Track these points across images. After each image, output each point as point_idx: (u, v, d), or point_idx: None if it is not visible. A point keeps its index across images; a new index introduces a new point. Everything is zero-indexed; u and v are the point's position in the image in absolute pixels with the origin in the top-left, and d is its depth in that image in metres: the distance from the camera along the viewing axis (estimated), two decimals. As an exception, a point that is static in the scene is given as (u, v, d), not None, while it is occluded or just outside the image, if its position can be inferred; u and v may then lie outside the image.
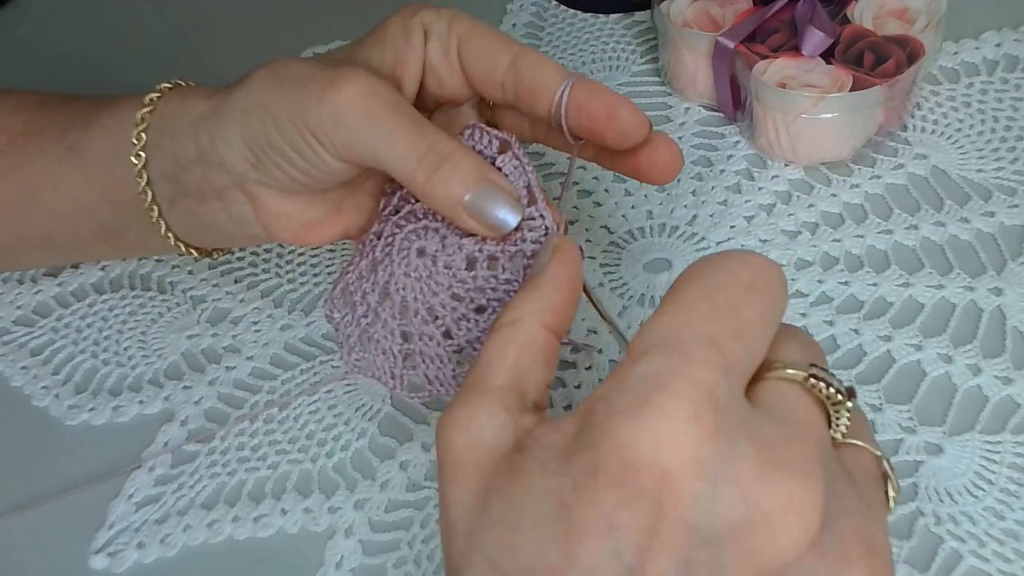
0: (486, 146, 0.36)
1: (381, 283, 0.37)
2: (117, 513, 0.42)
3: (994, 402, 0.41)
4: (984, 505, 0.38)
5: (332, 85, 0.34)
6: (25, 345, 0.49)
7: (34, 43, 0.69)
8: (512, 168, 0.35)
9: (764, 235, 0.49)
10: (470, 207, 0.34)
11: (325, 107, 0.34)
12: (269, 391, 0.45)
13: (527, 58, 0.37)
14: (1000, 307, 0.44)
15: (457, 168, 0.34)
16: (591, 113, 0.37)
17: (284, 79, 0.36)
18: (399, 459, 0.42)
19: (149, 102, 0.40)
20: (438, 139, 0.34)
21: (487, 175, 0.34)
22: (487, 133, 0.36)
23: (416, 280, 0.36)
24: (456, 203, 0.34)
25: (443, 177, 0.34)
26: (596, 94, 0.37)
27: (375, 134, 0.34)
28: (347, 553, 0.39)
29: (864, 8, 0.52)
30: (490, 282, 0.35)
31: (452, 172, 0.34)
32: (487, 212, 0.34)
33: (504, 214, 0.34)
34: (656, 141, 0.38)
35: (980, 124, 0.52)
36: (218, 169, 0.38)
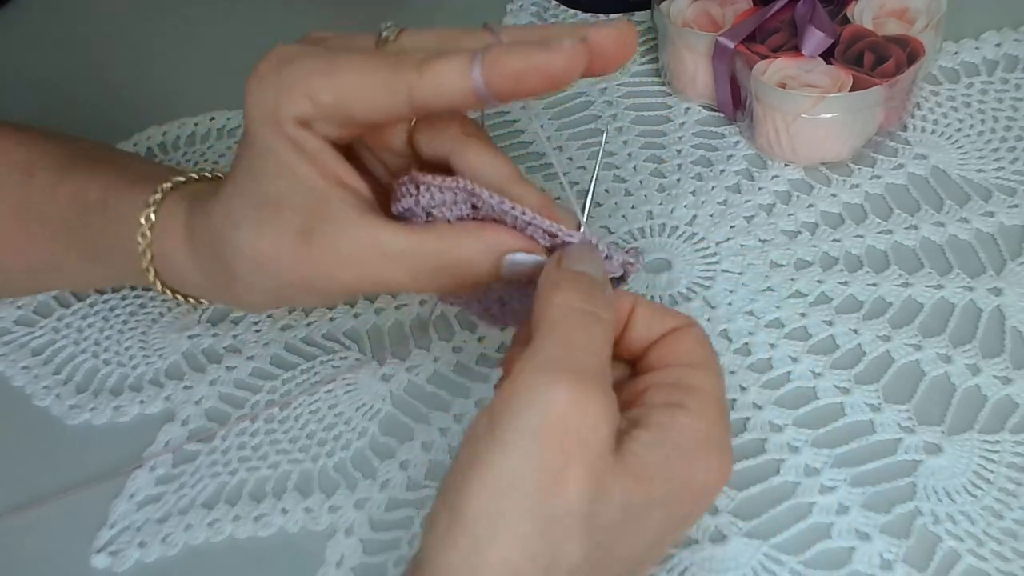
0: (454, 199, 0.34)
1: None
2: (119, 512, 0.42)
3: (993, 402, 0.41)
4: (982, 504, 0.38)
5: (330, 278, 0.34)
6: (26, 345, 0.49)
7: (34, 43, 0.69)
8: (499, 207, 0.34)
9: (764, 235, 0.49)
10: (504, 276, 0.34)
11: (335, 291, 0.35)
12: (270, 391, 0.45)
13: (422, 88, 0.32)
14: (999, 307, 0.44)
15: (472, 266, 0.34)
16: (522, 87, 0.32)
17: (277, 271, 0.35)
18: (399, 458, 0.42)
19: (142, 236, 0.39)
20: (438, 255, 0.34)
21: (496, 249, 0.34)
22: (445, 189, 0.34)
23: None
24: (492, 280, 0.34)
25: (465, 279, 0.34)
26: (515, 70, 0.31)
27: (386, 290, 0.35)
28: (347, 552, 0.39)
29: (864, 8, 0.52)
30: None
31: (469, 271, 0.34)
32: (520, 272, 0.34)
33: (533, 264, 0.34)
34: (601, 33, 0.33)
35: (980, 124, 0.52)
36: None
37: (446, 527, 0.29)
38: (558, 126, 0.56)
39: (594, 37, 0.32)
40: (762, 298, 0.46)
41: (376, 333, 0.47)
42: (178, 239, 0.38)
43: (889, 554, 0.37)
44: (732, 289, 0.46)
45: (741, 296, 0.46)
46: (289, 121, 0.33)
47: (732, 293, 0.46)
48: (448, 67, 0.32)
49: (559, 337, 0.30)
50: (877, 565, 0.36)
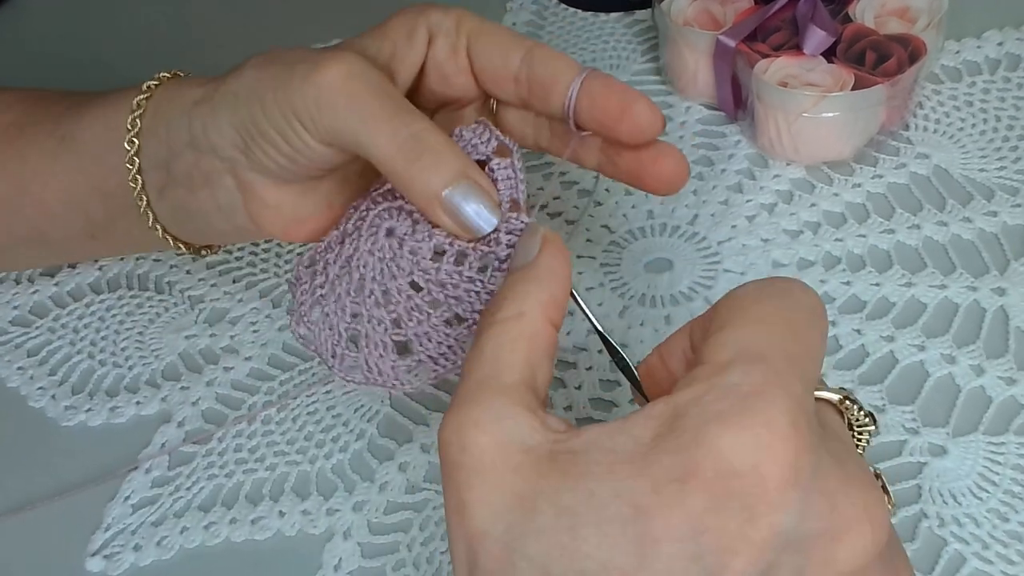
0: (484, 143, 0.35)
1: (344, 256, 0.35)
2: (113, 515, 0.41)
3: (998, 403, 0.40)
4: (988, 507, 0.37)
5: (317, 66, 0.34)
6: (22, 345, 0.49)
7: (34, 43, 0.68)
8: (505, 175, 0.34)
9: (766, 234, 0.48)
10: (446, 203, 0.33)
11: (309, 87, 0.34)
12: (267, 392, 0.45)
13: (541, 52, 0.36)
14: (1003, 307, 0.44)
15: (438, 160, 0.33)
16: (604, 106, 0.36)
17: (275, 62, 0.36)
18: (398, 461, 0.42)
19: (146, 89, 0.40)
20: (422, 127, 0.33)
21: (469, 172, 0.33)
22: (490, 131, 0.35)
23: (379, 260, 0.34)
24: (433, 197, 0.33)
25: (423, 167, 0.33)
26: (610, 87, 0.36)
27: (357, 116, 0.33)
28: (345, 555, 0.39)
29: (866, 7, 0.52)
30: (453, 277, 0.33)
31: (433, 164, 0.33)
32: (463, 212, 0.33)
33: (480, 217, 0.33)
34: (663, 149, 0.37)
35: (982, 123, 0.52)
36: (209, 155, 0.37)
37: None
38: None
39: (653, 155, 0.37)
40: (764, 298, 0.45)
41: (374, 334, 0.47)
42: (196, 81, 0.40)
43: (893, 557, 0.36)
44: (734, 289, 0.46)
45: (743, 296, 0.46)
46: (429, 18, 0.37)
47: (734, 293, 0.46)
48: (564, 59, 0.36)
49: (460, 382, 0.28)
50: (881, 568, 0.36)
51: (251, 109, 0.35)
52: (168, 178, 0.39)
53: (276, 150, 0.36)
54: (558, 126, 0.38)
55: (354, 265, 0.34)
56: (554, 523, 0.25)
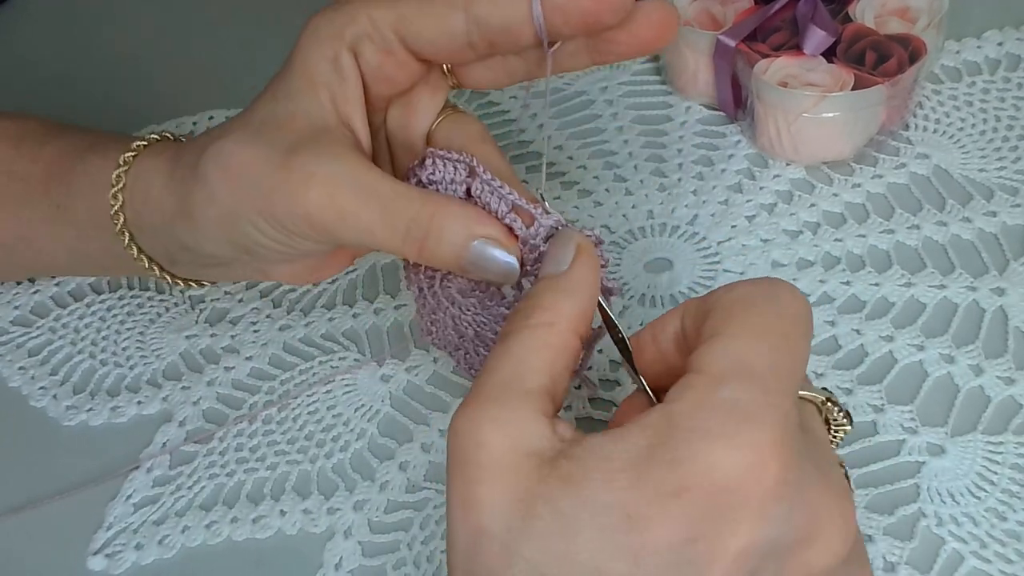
0: (453, 176, 0.35)
1: (451, 324, 0.38)
2: (115, 514, 0.41)
3: (996, 402, 0.40)
4: (986, 506, 0.37)
5: (297, 195, 0.33)
6: (23, 345, 0.49)
7: (33, 43, 0.68)
8: (489, 194, 0.34)
9: (765, 235, 0.48)
10: (469, 267, 0.34)
11: (299, 216, 0.34)
12: (268, 391, 0.45)
13: (481, 4, 0.33)
14: (1002, 307, 0.44)
15: (442, 237, 0.33)
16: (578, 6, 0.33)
17: (245, 185, 0.35)
18: (398, 460, 0.42)
19: (116, 180, 0.39)
20: (415, 210, 0.33)
21: (474, 231, 0.33)
22: (448, 162, 0.35)
23: (475, 315, 0.37)
24: (455, 267, 0.34)
25: (432, 250, 0.34)
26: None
27: (351, 230, 0.34)
28: (346, 554, 0.39)
29: (866, 7, 0.52)
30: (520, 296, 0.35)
31: (439, 244, 0.33)
32: (486, 268, 0.34)
33: (502, 264, 0.34)
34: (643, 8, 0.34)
35: (982, 123, 0.52)
36: (210, 257, 0.38)
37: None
38: (558, 125, 0.56)
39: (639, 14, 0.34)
40: (764, 298, 0.46)
41: (375, 333, 0.47)
42: (159, 168, 0.38)
43: (893, 556, 0.36)
44: (733, 289, 0.46)
45: (742, 296, 0.46)
46: (344, 38, 0.35)
47: (733, 293, 0.46)
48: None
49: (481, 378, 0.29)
50: (880, 567, 0.36)
51: (242, 230, 0.35)
52: (172, 260, 0.40)
53: (280, 253, 0.36)
54: (531, 54, 0.36)
55: (462, 328, 0.38)
56: (551, 528, 0.25)
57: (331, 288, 0.49)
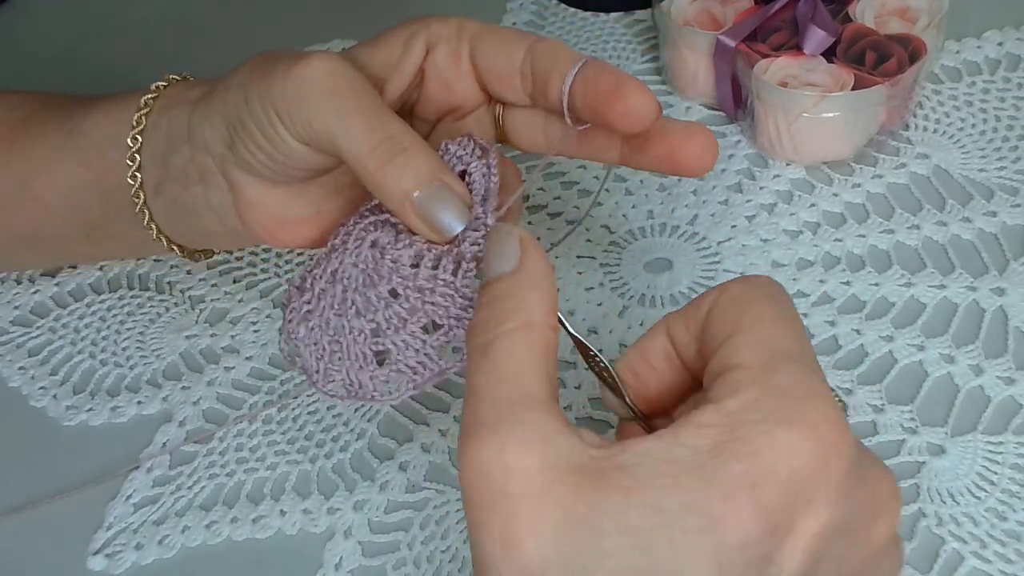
0: (468, 152, 0.35)
1: (330, 270, 0.35)
2: (115, 514, 0.41)
3: (996, 402, 0.40)
4: (986, 506, 0.37)
5: (300, 61, 0.34)
6: (23, 345, 0.49)
7: (34, 43, 0.68)
8: (480, 175, 0.34)
9: (765, 235, 0.48)
10: (417, 205, 0.33)
11: (289, 81, 0.34)
12: (268, 391, 0.45)
13: (542, 45, 0.36)
14: (1002, 307, 0.44)
15: (410, 162, 0.33)
16: (595, 89, 0.34)
17: (267, 59, 0.36)
18: (398, 460, 0.42)
19: (155, 89, 0.41)
20: (398, 130, 0.33)
21: (441, 175, 0.33)
22: (472, 140, 0.35)
23: (361, 271, 0.34)
24: (404, 198, 0.33)
25: (395, 168, 0.33)
26: (602, 72, 0.35)
27: (333, 113, 0.33)
28: (346, 554, 0.39)
29: (866, 7, 0.52)
30: (430, 282, 0.33)
31: (404, 165, 0.33)
32: (434, 213, 0.33)
33: (450, 218, 0.33)
34: (691, 129, 0.36)
35: (982, 123, 0.52)
36: (202, 151, 0.38)
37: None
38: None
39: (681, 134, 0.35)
40: (764, 298, 0.46)
41: (375, 333, 0.47)
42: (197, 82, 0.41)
43: (892, 556, 0.36)
44: (733, 289, 0.46)
45: (742, 296, 0.46)
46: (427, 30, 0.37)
47: (733, 293, 0.46)
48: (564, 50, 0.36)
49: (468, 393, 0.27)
50: (880, 567, 0.36)
51: (237, 103, 0.36)
52: (165, 174, 0.40)
53: (256, 146, 0.36)
54: (562, 122, 0.37)
55: (338, 278, 0.35)
56: (623, 543, 0.24)
57: (331, 288, 0.49)
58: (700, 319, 0.29)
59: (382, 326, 0.33)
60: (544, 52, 0.36)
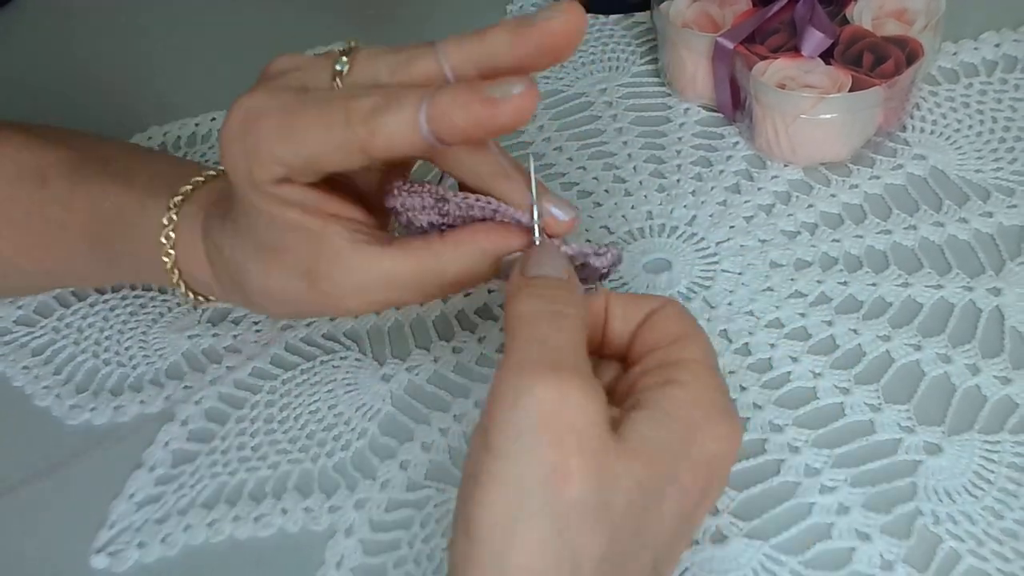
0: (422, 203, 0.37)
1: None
2: (118, 513, 0.42)
3: (993, 402, 0.41)
4: (983, 505, 0.38)
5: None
6: (26, 345, 0.49)
7: (34, 43, 0.69)
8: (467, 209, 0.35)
9: (763, 235, 0.49)
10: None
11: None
12: (270, 391, 0.45)
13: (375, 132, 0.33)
14: (999, 307, 0.44)
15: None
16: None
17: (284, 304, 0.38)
18: (399, 459, 0.42)
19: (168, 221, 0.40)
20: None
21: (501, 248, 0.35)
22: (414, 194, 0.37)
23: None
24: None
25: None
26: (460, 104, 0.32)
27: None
28: (347, 552, 0.39)
29: (863, 9, 0.52)
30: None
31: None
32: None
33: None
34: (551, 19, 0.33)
35: (979, 124, 0.52)
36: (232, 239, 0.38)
37: (464, 550, 0.29)
38: (558, 126, 0.56)
39: (544, 30, 0.32)
40: (762, 298, 0.46)
41: (376, 333, 0.47)
42: (199, 258, 0.40)
43: (890, 554, 0.37)
44: (732, 289, 0.46)
45: (741, 296, 0.46)
46: (266, 183, 0.34)
47: (732, 293, 0.46)
48: (396, 121, 0.32)
49: (527, 338, 0.30)
50: (878, 565, 0.36)
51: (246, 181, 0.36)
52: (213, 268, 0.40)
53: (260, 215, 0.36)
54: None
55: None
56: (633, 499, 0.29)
57: (332, 288, 0.49)
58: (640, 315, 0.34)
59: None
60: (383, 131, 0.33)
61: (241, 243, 0.37)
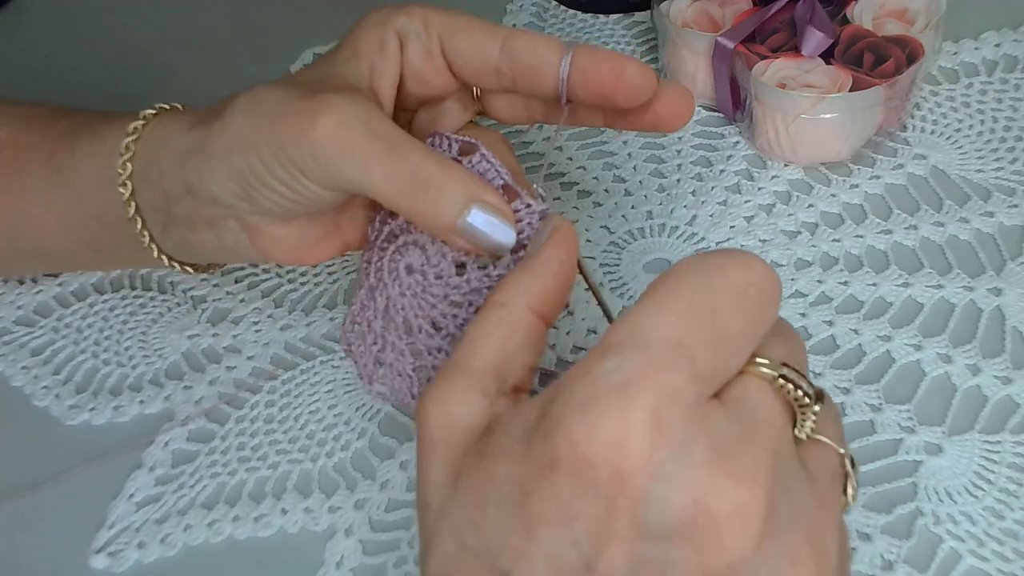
0: (450, 152, 0.35)
1: (381, 308, 0.36)
2: (117, 513, 0.42)
3: (993, 402, 0.41)
4: (983, 505, 0.38)
5: (308, 120, 0.34)
6: (26, 345, 0.49)
7: (34, 44, 0.69)
8: (484, 169, 0.34)
9: (764, 235, 0.49)
10: (463, 231, 0.33)
11: (304, 142, 0.34)
12: (269, 391, 0.45)
13: (520, 40, 0.36)
14: (999, 307, 0.44)
15: (443, 192, 0.33)
16: (597, 79, 0.36)
17: (263, 113, 0.35)
18: (399, 459, 0.42)
19: (133, 130, 0.40)
20: (419, 161, 0.33)
21: (476, 195, 0.33)
22: (448, 139, 0.36)
23: (412, 297, 0.35)
24: (448, 228, 0.33)
25: (429, 203, 0.33)
26: (599, 59, 0.36)
27: (353, 166, 0.33)
28: (347, 553, 0.39)
29: (864, 8, 0.52)
30: (483, 281, 0.34)
31: (437, 197, 0.33)
32: (481, 235, 0.33)
33: (499, 234, 0.33)
34: (664, 89, 0.37)
35: (979, 124, 0.52)
36: (209, 203, 0.37)
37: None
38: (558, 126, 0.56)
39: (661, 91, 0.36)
40: (762, 298, 0.46)
41: (376, 333, 0.47)
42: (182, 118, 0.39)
43: (890, 555, 0.37)
44: (732, 289, 0.46)
45: (741, 296, 0.46)
46: (396, 27, 0.37)
47: (732, 293, 0.46)
48: (545, 41, 0.36)
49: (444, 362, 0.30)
50: (878, 566, 0.36)
51: (248, 161, 0.35)
52: (168, 219, 0.40)
53: (281, 196, 0.36)
54: (550, 103, 0.38)
55: (393, 312, 0.36)
56: (468, 499, 0.27)
57: (332, 288, 0.49)
58: None
59: (457, 335, 0.35)
60: (523, 47, 0.36)
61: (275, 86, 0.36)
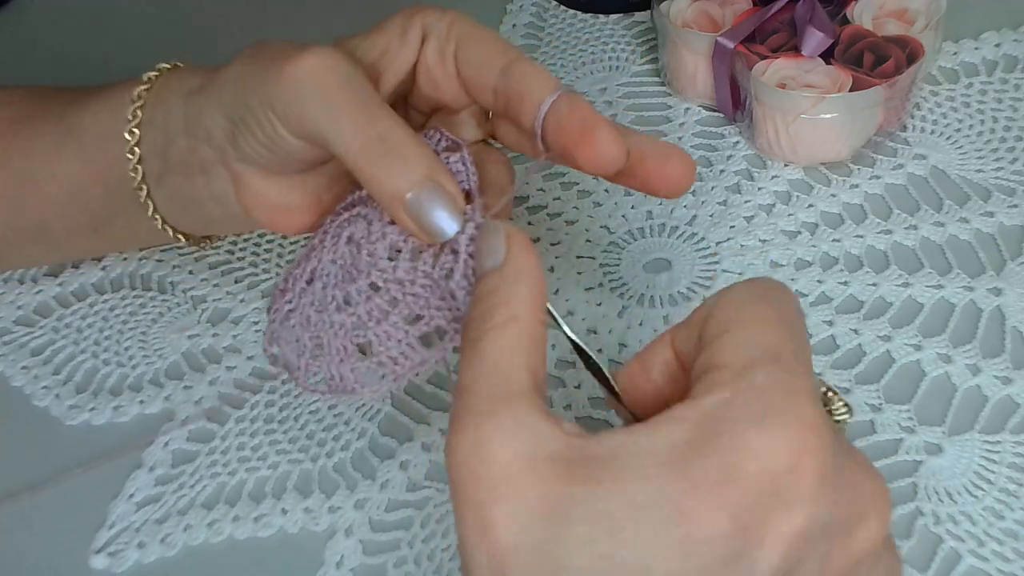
0: (434, 143, 0.35)
1: (309, 270, 0.35)
2: (117, 513, 0.42)
3: (993, 402, 0.41)
4: (983, 505, 0.38)
5: (292, 59, 0.34)
6: (26, 345, 0.49)
7: (34, 43, 0.69)
8: (456, 169, 0.34)
9: (764, 235, 0.49)
10: (409, 206, 0.32)
11: (283, 79, 0.34)
12: (270, 391, 0.45)
13: (519, 66, 0.35)
14: (999, 307, 0.44)
15: (405, 162, 0.32)
16: (567, 128, 0.34)
17: (261, 55, 0.36)
18: (399, 459, 0.42)
19: (147, 80, 0.41)
20: (390, 126, 0.32)
21: (435, 175, 0.32)
22: (440, 132, 0.35)
23: (340, 267, 0.34)
24: (396, 198, 0.32)
25: (385, 168, 0.32)
26: (574, 109, 0.34)
27: (322, 110, 0.33)
28: (347, 553, 0.39)
29: (864, 8, 0.52)
30: (409, 273, 0.33)
31: (394, 165, 0.32)
32: (426, 215, 0.32)
33: (443, 220, 0.32)
34: (669, 152, 0.35)
35: (979, 124, 0.52)
36: (203, 143, 0.38)
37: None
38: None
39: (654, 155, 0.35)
40: (762, 298, 0.46)
41: (376, 333, 0.47)
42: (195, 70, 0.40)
43: (890, 554, 0.37)
44: (732, 289, 0.46)
45: (741, 296, 0.46)
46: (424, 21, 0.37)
47: (732, 293, 0.46)
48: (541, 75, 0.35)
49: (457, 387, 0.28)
50: (878, 565, 0.36)
51: (236, 97, 0.36)
52: (165, 166, 0.40)
53: (256, 141, 0.36)
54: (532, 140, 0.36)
55: (317, 276, 0.34)
56: (592, 530, 0.24)
57: (332, 288, 0.49)
58: (700, 325, 0.29)
59: (363, 319, 0.33)
60: (519, 75, 0.35)
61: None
